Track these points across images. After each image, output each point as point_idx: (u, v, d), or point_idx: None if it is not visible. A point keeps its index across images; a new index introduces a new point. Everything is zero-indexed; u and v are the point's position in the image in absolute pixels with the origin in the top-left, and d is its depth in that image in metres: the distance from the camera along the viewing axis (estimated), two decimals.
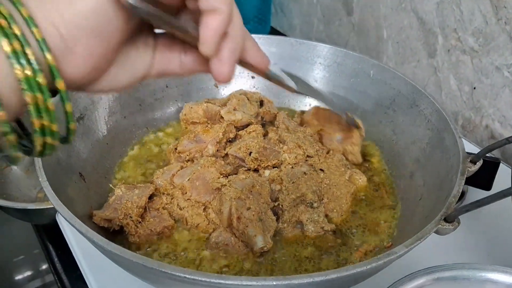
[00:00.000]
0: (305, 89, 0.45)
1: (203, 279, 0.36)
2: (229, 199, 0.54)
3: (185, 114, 0.70)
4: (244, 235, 0.52)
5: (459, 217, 0.44)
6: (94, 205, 0.55)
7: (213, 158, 0.62)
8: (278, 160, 0.63)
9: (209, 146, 0.64)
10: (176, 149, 0.66)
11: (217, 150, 0.65)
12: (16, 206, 0.71)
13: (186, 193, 0.59)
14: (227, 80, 0.34)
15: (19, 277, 1.14)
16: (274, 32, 1.42)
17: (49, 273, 1.10)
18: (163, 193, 0.59)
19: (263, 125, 0.72)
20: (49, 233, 0.77)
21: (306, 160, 0.64)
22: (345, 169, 0.63)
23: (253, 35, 0.73)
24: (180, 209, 0.57)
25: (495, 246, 0.64)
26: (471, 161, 0.49)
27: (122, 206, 0.54)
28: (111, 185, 0.59)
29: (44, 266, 1.15)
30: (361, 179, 0.64)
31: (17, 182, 0.86)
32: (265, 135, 0.69)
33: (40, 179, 0.46)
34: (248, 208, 0.53)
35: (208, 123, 0.69)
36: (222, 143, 0.65)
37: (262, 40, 0.74)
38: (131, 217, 0.53)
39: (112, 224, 0.54)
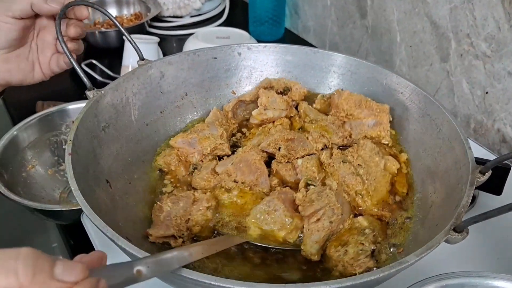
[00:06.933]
0: None
1: None
2: (326, 203, 0.55)
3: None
4: (307, 231, 0.54)
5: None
6: (119, 211, 0.58)
7: (251, 145, 0.67)
8: (306, 150, 0.66)
9: (196, 155, 0.68)
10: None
11: (201, 160, 0.68)
12: (44, 207, 0.73)
13: (231, 175, 0.62)
14: None
15: None
16: (288, 33, 1.43)
17: None
18: (205, 193, 0.61)
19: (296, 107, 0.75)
20: (72, 232, 0.79)
21: (341, 150, 0.66)
22: (379, 159, 0.63)
23: (270, 44, 0.75)
24: (228, 191, 0.60)
25: (505, 254, 0.66)
26: (480, 172, 0.51)
27: (172, 222, 0.56)
28: (158, 202, 0.61)
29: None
30: (394, 166, 0.64)
31: (41, 182, 0.87)
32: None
33: (72, 189, 0.49)
34: (331, 222, 0.54)
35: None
36: (208, 156, 0.68)
37: (278, 49, 0.76)
38: (183, 233, 0.56)
39: (170, 240, 0.56)
